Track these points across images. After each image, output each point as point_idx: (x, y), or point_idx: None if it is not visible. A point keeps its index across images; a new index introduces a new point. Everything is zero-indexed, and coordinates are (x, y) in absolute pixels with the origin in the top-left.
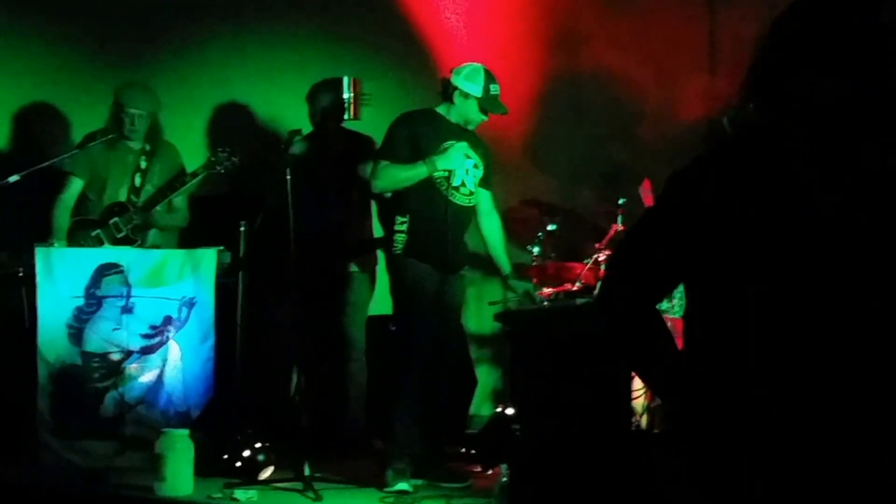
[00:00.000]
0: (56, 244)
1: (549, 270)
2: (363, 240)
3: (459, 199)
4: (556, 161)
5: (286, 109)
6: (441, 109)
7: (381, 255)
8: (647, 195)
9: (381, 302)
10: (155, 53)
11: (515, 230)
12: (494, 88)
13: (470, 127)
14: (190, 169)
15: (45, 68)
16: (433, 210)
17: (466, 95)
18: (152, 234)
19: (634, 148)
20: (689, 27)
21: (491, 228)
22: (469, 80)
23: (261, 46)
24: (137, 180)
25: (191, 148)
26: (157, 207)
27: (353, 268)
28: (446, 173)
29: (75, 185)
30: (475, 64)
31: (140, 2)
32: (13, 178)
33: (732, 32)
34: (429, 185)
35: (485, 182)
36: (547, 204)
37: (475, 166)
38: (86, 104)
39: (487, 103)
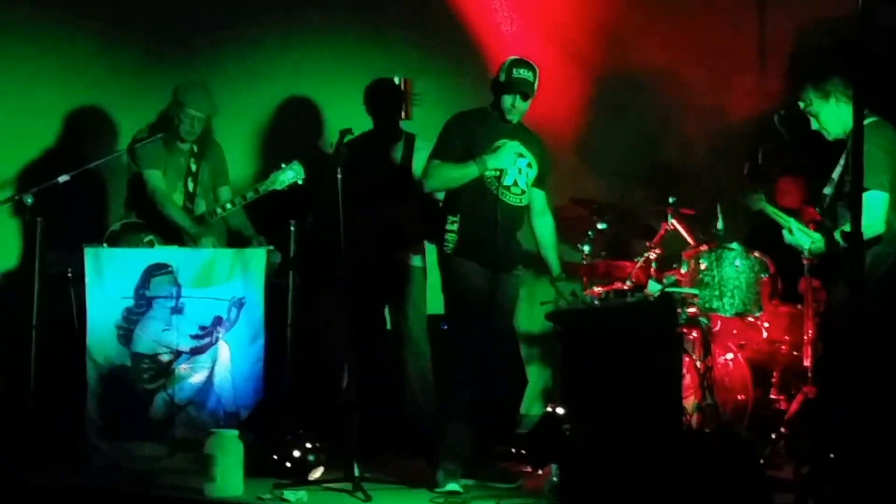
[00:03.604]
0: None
1: (600, 269)
2: (414, 230)
3: (510, 199)
4: (607, 160)
5: (338, 108)
6: (492, 108)
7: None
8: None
9: (433, 301)
10: (204, 55)
11: (566, 229)
12: (518, 72)
13: (509, 117)
14: (236, 170)
15: (94, 70)
16: (483, 209)
17: (497, 85)
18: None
19: (685, 147)
20: (738, 26)
21: (543, 228)
22: (500, 70)
23: (312, 46)
24: (190, 185)
25: (240, 148)
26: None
27: (415, 261)
28: (497, 173)
29: (157, 177)
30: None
31: (188, 4)
32: (63, 178)
33: (782, 31)
34: (480, 184)
35: (539, 182)
36: (597, 202)
37: (529, 165)
38: (133, 106)
39: (507, 86)
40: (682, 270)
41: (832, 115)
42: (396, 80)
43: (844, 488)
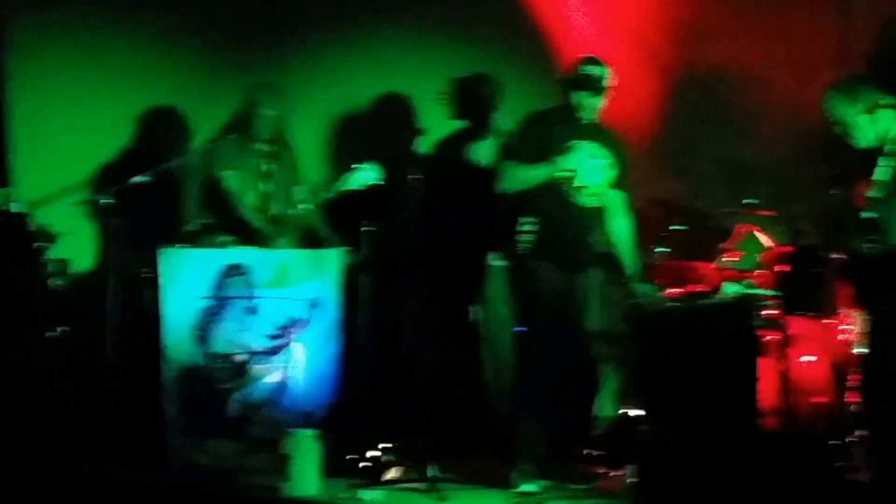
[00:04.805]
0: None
1: (676, 270)
2: (502, 229)
3: (584, 200)
4: (682, 160)
5: (415, 108)
6: (566, 108)
7: None
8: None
9: None
10: (280, 55)
11: (642, 229)
12: (586, 69)
13: (581, 115)
14: (312, 170)
15: (169, 71)
16: (556, 210)
17: (567, 82)
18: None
19: (762, 147)
20: (819, 24)
21: (621, 229)
22: (570, 68)
23: (388, 46)
24: (265, 186)
25: (317, 148)
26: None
27: (497, 261)
28: (570, 174)
29: (232, 178)
30: None
31: (265, 4)
32: (139, 180)
33: (864, 28)
34: (553, 185)
35: (617, 182)
36: (673, 203)
37: (605, 166)
38: (207, 107)
39: (576, 82)
40: (760, 272)
41: (863, 123)
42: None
43: None
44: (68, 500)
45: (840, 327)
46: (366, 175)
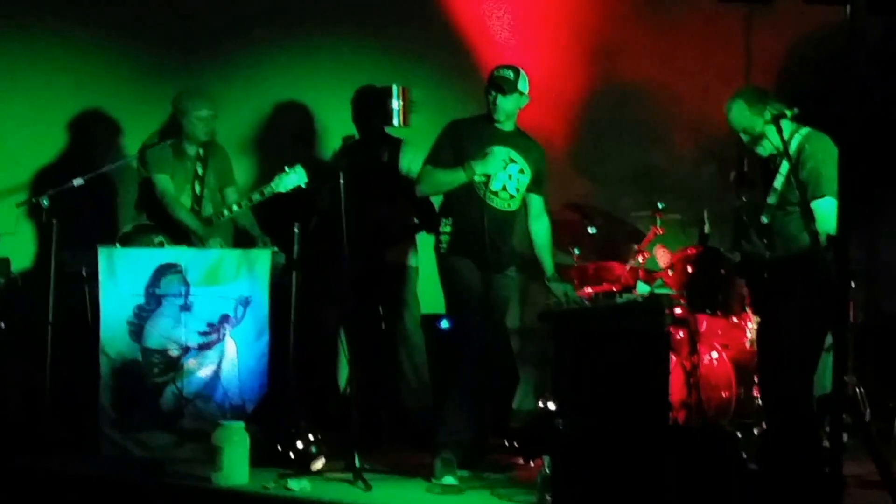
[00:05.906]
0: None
1: (590, 271)
2: (404, 228)
3: (497, 204)
4: (597, 166)
5: (335, 115)
6: (487, 116)
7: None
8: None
9: (433, 300)
10: (207, 62)
11: (557, 232)
12: (498, 72)
13: (496, 117)
14: (237, 173)
15: (102, 77)
16: (471, 213)
17: (484, 89)
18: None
19: (672, 155)
20: (724, 40)
21: (539, 231)
22: (489, 75)
23: (310, 54)
24: (197, 188)
25: (240, 153)
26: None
27: (411, 261)
28: (485, 178)
29: (166, 181)
30: None
31: (191, 12)
32: (77, 182)
33: (767, 45)
34: (469, 189)
35: (535, 187)
36: (588, 207)
37: (521, 171)
38: (140, 111)
39: (488, 85)
40: (670, 273)
41: (765, 132)
42: (395, 89)
43: None
44: (2, 492)
45: (745, 325)
46: (294, 178)
